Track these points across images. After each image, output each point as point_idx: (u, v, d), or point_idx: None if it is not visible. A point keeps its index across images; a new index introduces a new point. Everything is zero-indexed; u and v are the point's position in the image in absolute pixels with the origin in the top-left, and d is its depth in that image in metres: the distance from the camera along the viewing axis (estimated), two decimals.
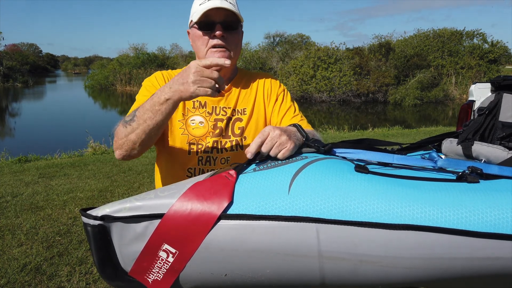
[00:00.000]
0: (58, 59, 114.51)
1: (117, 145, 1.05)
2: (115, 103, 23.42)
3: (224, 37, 1.15)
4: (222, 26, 1.14)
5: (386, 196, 0.74)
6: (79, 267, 2.49)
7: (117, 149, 1.05)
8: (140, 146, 1.03)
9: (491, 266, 0.73)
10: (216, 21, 1.14)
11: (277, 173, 0.81)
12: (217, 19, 1.14)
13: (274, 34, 29.49)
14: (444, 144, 1.26)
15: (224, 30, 1.15)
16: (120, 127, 1.04)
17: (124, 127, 1.02)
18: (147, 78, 1.26)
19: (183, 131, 1.21)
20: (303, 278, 0.77)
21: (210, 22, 1.14)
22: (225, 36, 1.15)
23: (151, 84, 1.22)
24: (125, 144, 1.03)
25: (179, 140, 1.21)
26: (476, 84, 2.63)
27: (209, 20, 1.14)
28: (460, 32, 24.03)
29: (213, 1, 1.13)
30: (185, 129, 1.22)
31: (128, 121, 1.02)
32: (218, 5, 1.11)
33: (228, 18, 1.15)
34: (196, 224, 0.75)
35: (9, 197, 3.95)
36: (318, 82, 20.42)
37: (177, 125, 1.22)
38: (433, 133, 8.14)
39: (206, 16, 1.13)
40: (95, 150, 6.87)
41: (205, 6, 1.13)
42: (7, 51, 43.69)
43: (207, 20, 1.14)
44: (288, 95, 1.33)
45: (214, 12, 1.13)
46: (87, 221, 0.80)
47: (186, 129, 1.21)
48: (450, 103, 20.53)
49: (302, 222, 0.73)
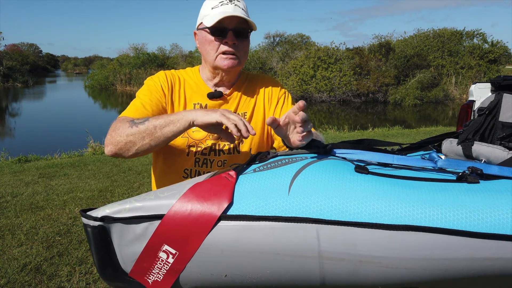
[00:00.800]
0: (58, 59, 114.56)
1: (112, 141, 1.02)
2: (115, 103, 23.42)
3: (235, 44, 1.16)
4: (234, 33, 1.15)
5: (386, 196, 0.74)
6: (79, 267, 2.49)
7: (111, 144, 1.03)
8: (137, 150, 1.02)
9: (491, 267, 0.73)
10: (228, 28, 1.14)
11: (277, 173, 0.81)
12: (230, 26, 1.14)
13: (274, 34, 29.47)
14: (444, 144, 1.26)
15: (236, 37, 1.15)
16: (125, 125, 1.03)
17: (129, 127, 1.01)
18: (150, 77, 1.26)
19: (184, 134, 1.21)
20: (303, 279, 0.77)
21: (223, 29, 1.14)
22: (236, 44, 1.16)
23: (153, 83, 1.22)
24: (121, 143, 1.01)
25: (179, 143, 1.21)
26: (476, 84, 2.63)
27: (222, 27, 1.14)
28: (460, 32, 24.04)
29: (226, 6, 1.14)
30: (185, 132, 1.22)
31: (137, 123, 1.02)
32: (232, 13, 1.11)
33: (240, 26, 1.16)
34: (196, 224, 0.75)
35: (9, 197, 3.95)
36: (318, 82, 20.41)
37: None
38: (433, 133, 8.14)
39: (219, 22, 1.13)
40: (95, 150, 6.87)
41: (219, 11, 1.13)
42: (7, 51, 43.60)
43: (220, 26, 1.14)
44: (289, 98, 1.33)
45: (228, 19, 1.13)
46: (87, 222, 0.80)
47: (187, 132, 1.22)
48: (450, 103, 20.54)
49: (302, 223, 0.73)
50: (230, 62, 1.17)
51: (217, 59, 1.17)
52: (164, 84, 1.22)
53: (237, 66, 1.19)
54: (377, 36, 26.80)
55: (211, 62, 1.19)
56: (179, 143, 1.21)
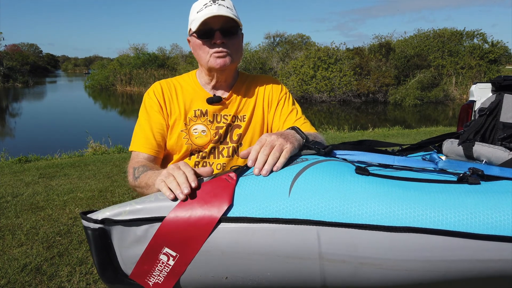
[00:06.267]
0: (58, 59, 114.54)
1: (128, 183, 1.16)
2: (115, 103, 23.43)
3: (224, 43, 1.16)
4: (221, 33, 1.14)
5: (387, 198, 0.74)
6: (79, 267, 2.49)
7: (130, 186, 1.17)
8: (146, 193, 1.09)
9: (492, 268, 0.73)
10: (214, 28, 1.14)
11: (278, 175, 0.80)
12: (216, 26, 1.14)
13: (274, 34, 29.43)
14: (445, 144, 1.25)
15: (224, 36, 1.15)
16: (131, 175, 1.14)
17: (132, 179, 1.12)
18: (147, 93, 1.28)
19: (187, 141, 1.22)
20: (304, 281, 0.77)
21: (209, 30, 1.14)
22: (225, 42, 1.16)
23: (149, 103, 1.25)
24: (133, 188, 1.14)
25: (182, 149, 1.23)
26: (476, 84, 2.63)
27: (207, 28, 1.14)
28: (460, 32, 24.02)
29: (210, 7, 1.13)
30: (188, 138, 1.23)
31: (136, 177, 1.11)
32: (215, 13, 1.11)
33: (226, 24, 1.15)
34: (197, 227, 0.75)
35: (9, 197, 3.95)
36: (318, 82, 20.41)
37: (180, 135, 1.23)
38: (434, 133, 8.13)
39: (205, 24, 1.13)
40: (95, 150, 6.87)
41: (202, 14, 1.13)
42: (8, 51, 43.69)
43: (206, 28, 1.14)
44: (290, 99, 1.33)
45: (212, 20, 1.13)
46: (88, 224, 0.80)
47: (190, 139, 1.22)
48: (450, 103, 20.53)
49: (302, 225, 0.73)
50: (222, 61, 1.17)
51: (210, 61, 1.18)
52: (160, 97, 1.24)
53: (230, 64, 1.18)
54: (377, 36, 26.82)
55: (205, 64, 1.19)
56: (182, 149, 1.22)
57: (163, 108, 1.23)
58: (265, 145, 0.85)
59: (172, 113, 1.23)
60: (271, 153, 0.84)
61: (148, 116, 1.23)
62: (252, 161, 0.84)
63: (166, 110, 1.23)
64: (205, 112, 1.24)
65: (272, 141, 0.86)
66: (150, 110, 1.23)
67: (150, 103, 1.24)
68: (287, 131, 0.95)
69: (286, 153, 0.85)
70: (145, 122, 1.22)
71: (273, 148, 0.85)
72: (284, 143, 0.86)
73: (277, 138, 0.87)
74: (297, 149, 0.91)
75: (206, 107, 1.25)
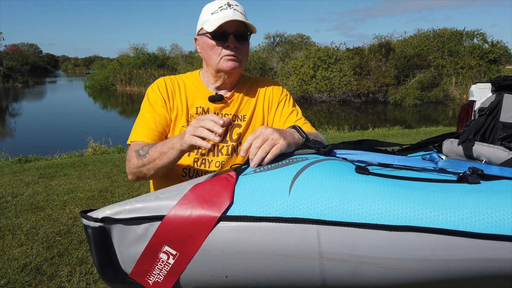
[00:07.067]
0: (58, 59, 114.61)
1: (130, 171, 1.14)
2: (115, 103, 23.43)
3: (236, 47, 1.18)
4: (235, 37, 1.17)
5: (387, 197, 0.74)
6: (79, 267, 2.49)
7: (129, 174, 1.15)
8: (150, 176, 1.13)
9: (492, 268, 0.73)
10: (229, 32, 1.16)
11: (278, 174, 0.81)
12: (230, 30, 1.17)
13: (274, 34, 29.43)
14: (445, 144, 1.25)
15: (237, 40, 1.18)
16: (134, 157, 1.12)
17: (137, 160, 1.11)
18: (151, 86, 1.29)
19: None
20: (303, 280, 0.77)
21: (224, 33, 1.17)
22: (237, 47, 1.18)
23: (153, 96, 1.25)
24: (137, 173, 1.13)
25: None
26: (476, 84, 2.63)
27: (222, 31, 1.16)
28: (460, 32, 24.03)
29: (226, 11, 1.16)
30: None
31: (142, 155, 1.10)
32: (231, 17, 1.14)
33: (240, 29, 1.18)
34: (197, 225, 0.75)
35: (9, 197, 3.95)
36: (318, 82, 20.41)
37: (182, 131, 1.23)
38: (434, 133, 8.13)
39: (220, 26, 1.15)
40: (95, 150, 6.87)
41: (218, 16, 1.16)
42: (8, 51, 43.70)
43: (221, 30, 1.16)
44: (290, 100, 1.35)
45: (228, 23, 1.15)
46: (88, 223, 0.80)
47: None
48: (450, 103, 20.54)
49: (302, 224, 0.73)
50: (232, 64, 1.19)
51: (220, 63, 1.20)
52: (164, 92, 1.25)
53: (239, 68, 1.21)
54: (377, 36, 26.82)
55: (214, 65, 1.21)
56: None
57: (166, 103, 1.24)
58: (258, 137, 0.87)
59: (175, 108, 1.25)
60: (262, 146, 0.86)
61: (152, 108, 1.23)
62: (244, 152, 0.88)
63: (170, 105, 1.24)
64: (206, 110, 1.26)
65: (267, 135, 0.88)
66: (154, 103, 1.24)
67: (154, 97, 1.25)
68: (287, 129, 0.96)
69: (275, 150, 0.87)
70: (148, 114, 1.23)
71: (265, 142, 0.86)
72: (278, 139, 0.87)
73: (272, 132, 0.88)
74: (292, 148, 0.92)
75: (208, 105, 1.26)
